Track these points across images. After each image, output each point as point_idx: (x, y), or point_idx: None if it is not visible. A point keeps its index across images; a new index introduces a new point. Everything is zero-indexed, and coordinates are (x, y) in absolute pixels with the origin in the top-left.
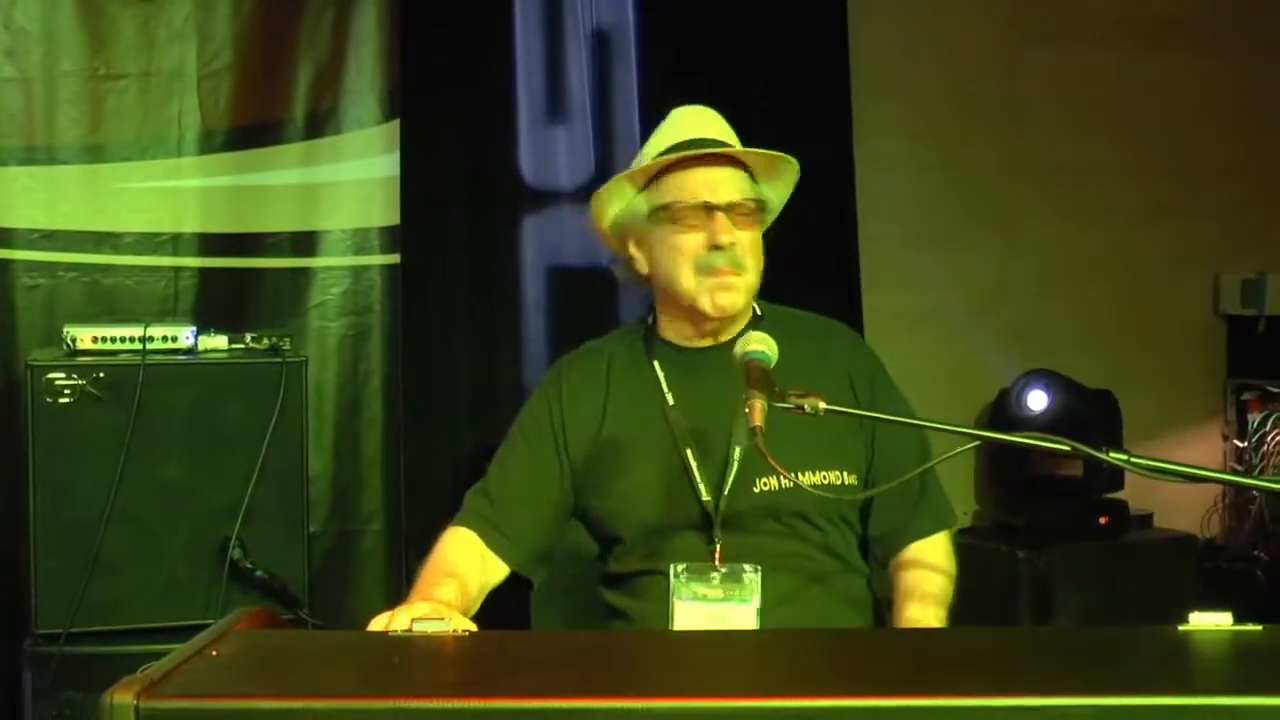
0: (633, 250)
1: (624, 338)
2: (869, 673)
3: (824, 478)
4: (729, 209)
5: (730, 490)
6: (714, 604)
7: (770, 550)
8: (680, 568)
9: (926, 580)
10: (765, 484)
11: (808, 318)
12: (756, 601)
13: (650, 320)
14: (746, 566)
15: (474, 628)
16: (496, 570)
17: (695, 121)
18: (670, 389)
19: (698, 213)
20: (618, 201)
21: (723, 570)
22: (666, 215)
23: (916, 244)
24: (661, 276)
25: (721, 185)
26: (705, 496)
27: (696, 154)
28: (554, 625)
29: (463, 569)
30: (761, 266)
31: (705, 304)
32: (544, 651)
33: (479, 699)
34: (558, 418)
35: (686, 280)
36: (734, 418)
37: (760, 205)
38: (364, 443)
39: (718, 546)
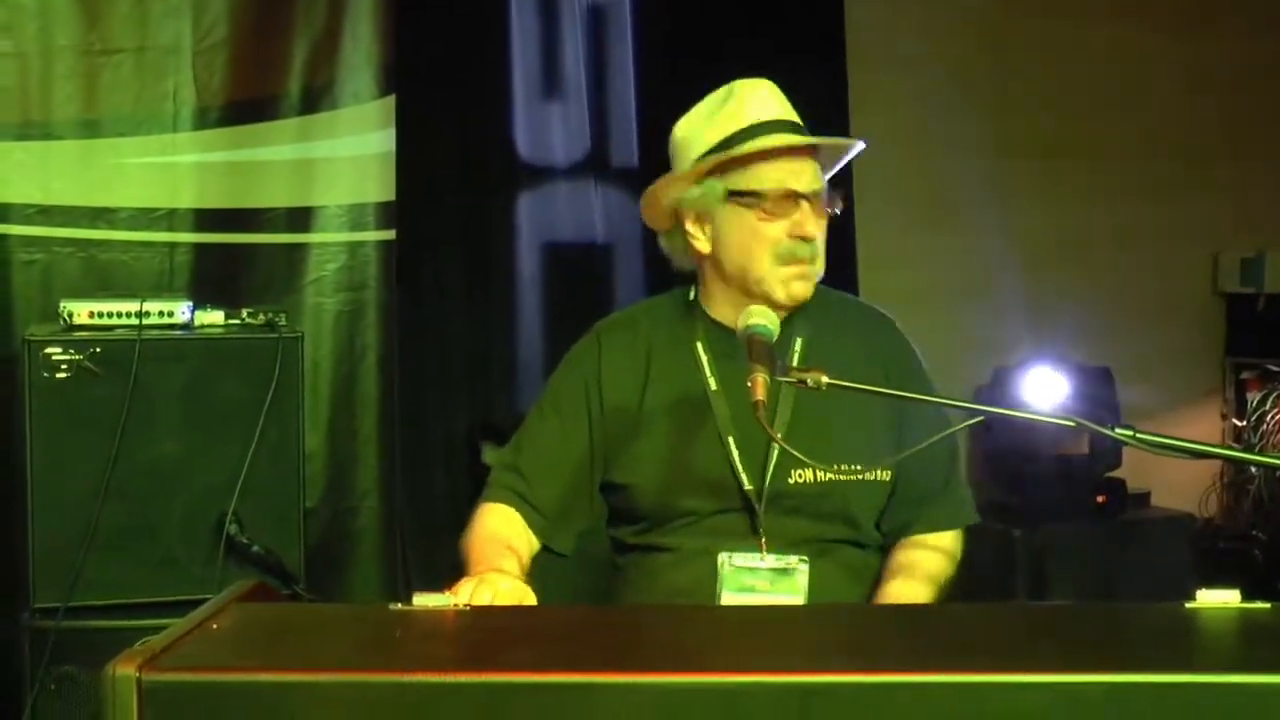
0: (690, 227)
1: (664, 311)
2: (876, 648)
3: (859, 475)
4: (813, 198)
5: (771, 478)
6: (761, 595)
7: (792, 537)
8: (726, 557)
9: (924, 559)
10: (801, 475)
11: (855, 307)
12: (803, 598)
13: (693, 295)
14: (794, 559)
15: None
16: (533, 548)
17: (764, 101)
18: (713, 373)
19: (782, 201)
20: (682, 180)
21: (770, 561)
22: (748, 201)
23: (913, 223)
24: (731, 258)
25: (805, 172)
26: (748, 485)
27: (792, 143)
28: (558, 588)
29: (515, 542)
30: None
31: (780, 292)
32: (545, 627)
33: (480, 673)
34: (594, 393)
35: (763, 266)
36: (778, 402)
37: (845, 198)
38: (359, 419)
39: (764, 537)
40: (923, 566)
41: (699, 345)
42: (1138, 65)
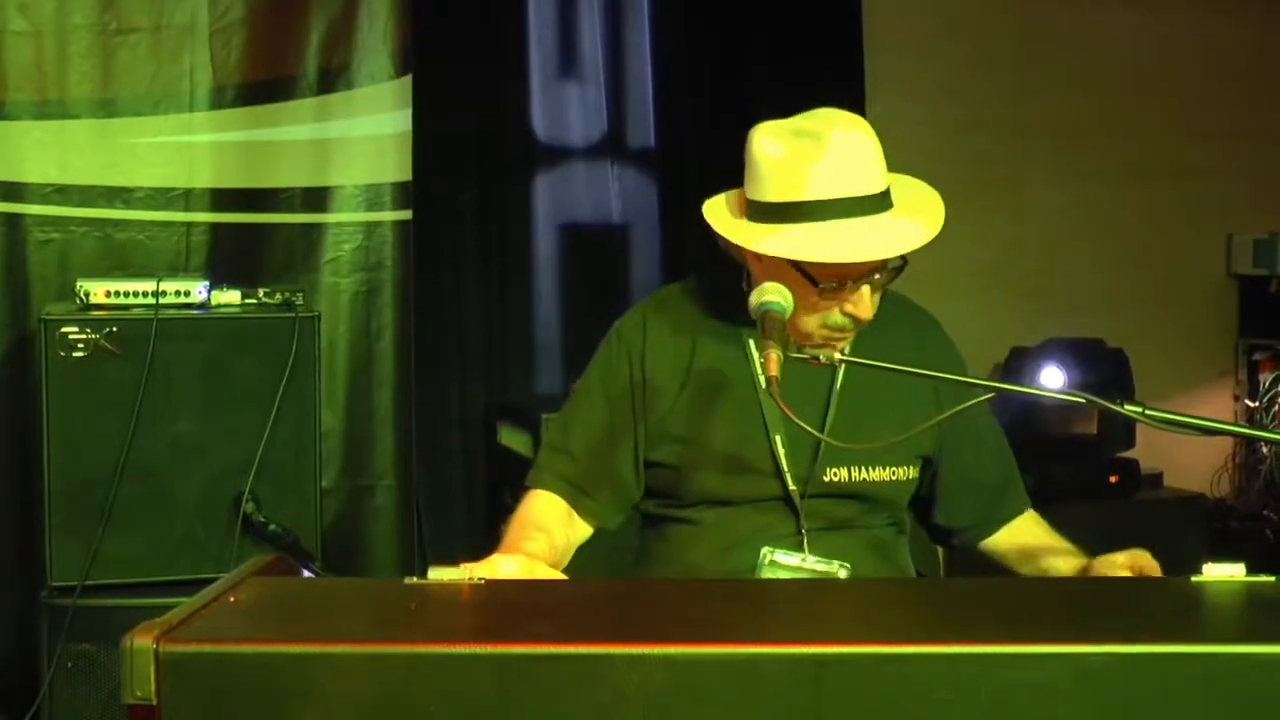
0: (743, 253)
1: (713, 295)
2: (887, 621)
3: (892, 474)
4: (873, 278)
5: (811, 477)
6: None
7: (825, 535)
8: (769, 551)
9: (1050, 536)
10: (835, 474)
11: (905, 306)
12: None
13: (745, 287)
14: (835, 564)
15: (563, 578)
16: (583, 531)
17: (851, 164)
18: (763, 371)
19: (841, 286)
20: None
21: (812, 563)
22: (807, 277)
23: None
24: (780, 302)
25: (880, 244)
26: (792, 486)
27: (846, 259)
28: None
29: (550, 524)
30: None
31: (817, 342)
32: (561, 599)
33: (495, 644)
34: (639, 377)
35: (808, 324)
36: (828, 408)
37: (902, 262)
38: (376, 399)
39: (805, 537)
40: (1055, 543)
41: (750, 339)
42: (1153, 48)
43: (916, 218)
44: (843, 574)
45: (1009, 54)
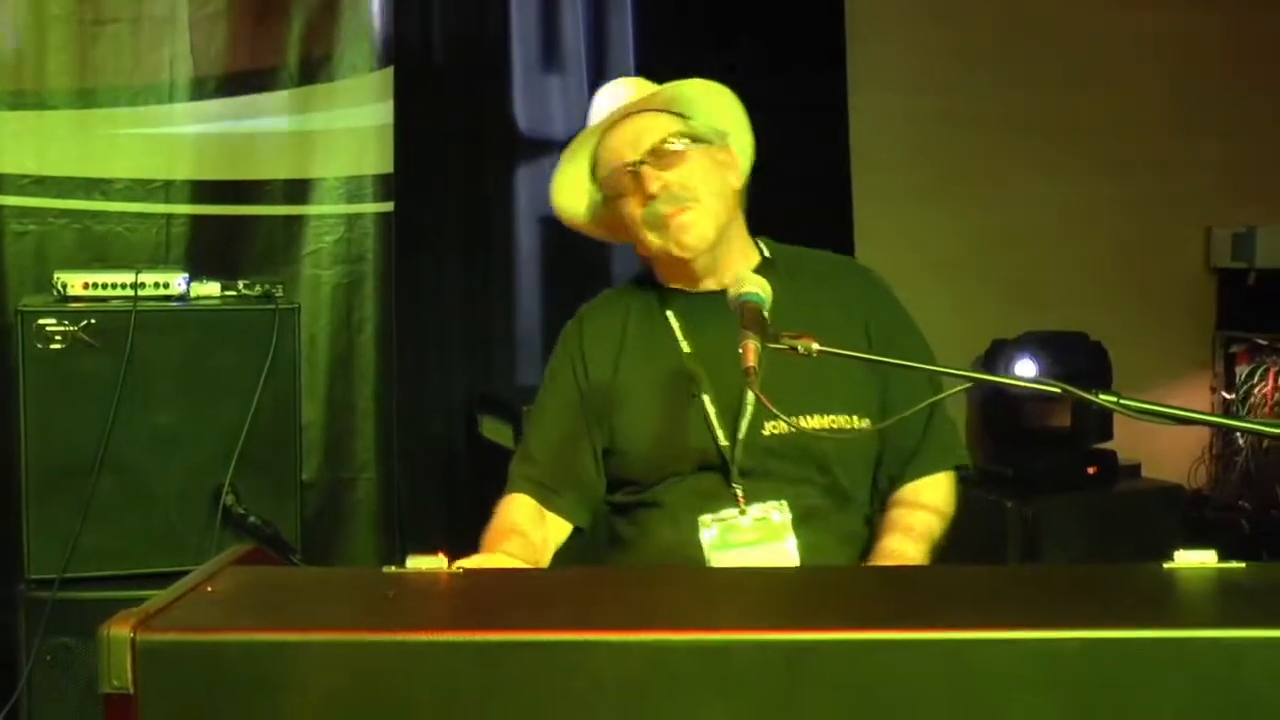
0: (614, 232)
1: (639, 287)
2: (858, 607)
3: (832, 421)
4: (652, 156)
5: (745, 434)
6: (749, 549)
7: (775, 491)
8: (708, 519)
9: (912, 515)
10: (774, 426)
11: (821, 258)
12: (792, 538)
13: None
14: (772, 506)
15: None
16: (558, 528)
17: (613, 95)
18: (685, 337)
19: (626, 176)
20: (578, 201)
21: (750, 514)
22: (609, 191)
23: (911, 196)
24: (636, 244)
25: (640, 137)
26: (723, 441)
27: (594, 127)
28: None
29: (524, 525)
30: (723, 189)
31: (674, 249)
32: (538, 588)
33: (472, 632)
34: (580, 371)
35: (649, 238)
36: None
37: (690, 137)
38: (357, 391)
39: (740, 492)
40: (911, 523)
41: (670, 314)
42: (1134, 43)
43: (668, 114)
44: (783, 514)
45: (992, 50)
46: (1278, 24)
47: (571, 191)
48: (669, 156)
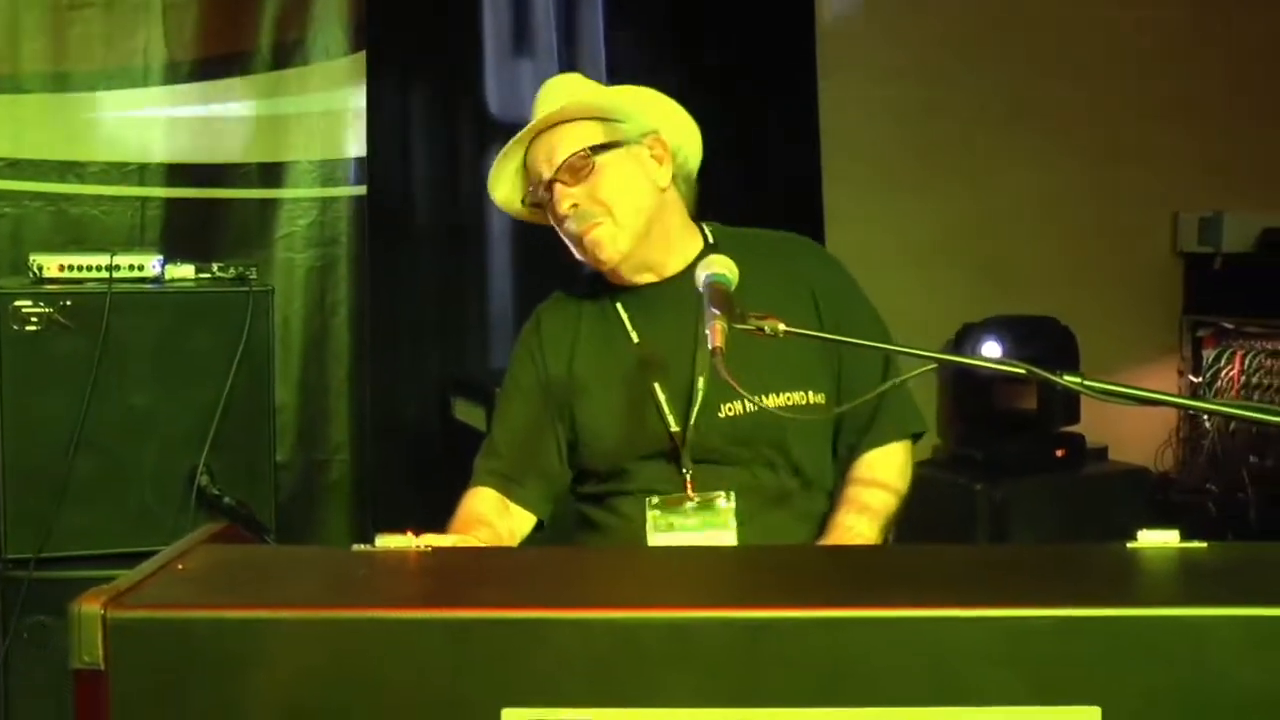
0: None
1: (591, 283)
2: (822, 585)
3: (789, 398)
4: (564, 172)
5: (696, 418)
6: (691, 534)
7: (735, 474)
8: (655, 500)
9: (865, 492)
10: (730, 409)
11: (767, 236)
12: (733, 526)
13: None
14: (719, 494)
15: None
16: (523, 520)
17: (548, 98)
18: (634, 326)
19: (543, 190)
20: (514, 196)
21: (696, 500)
22: (533, 201)
23: (883, 183)
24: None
25: (554, 152)
26: (674, 427)
27: (520, 136)
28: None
29: (489, 515)
30: (644, 190)
31: (592, 262)
32: (506, 566)
33: (443, 609)
34: (540, 366)
35: (572, 248)
36: (697, 345)
37: (608, 144)
38: (331, 374)
39: (688, 476)
40: (867, 500)
41: (619, 306)
42: (1104, 33)
43: (590, 120)
44: (728, 503)
45: (962, 42)
46: (1244, 14)
47: (509, 186)
48: (580, 170)
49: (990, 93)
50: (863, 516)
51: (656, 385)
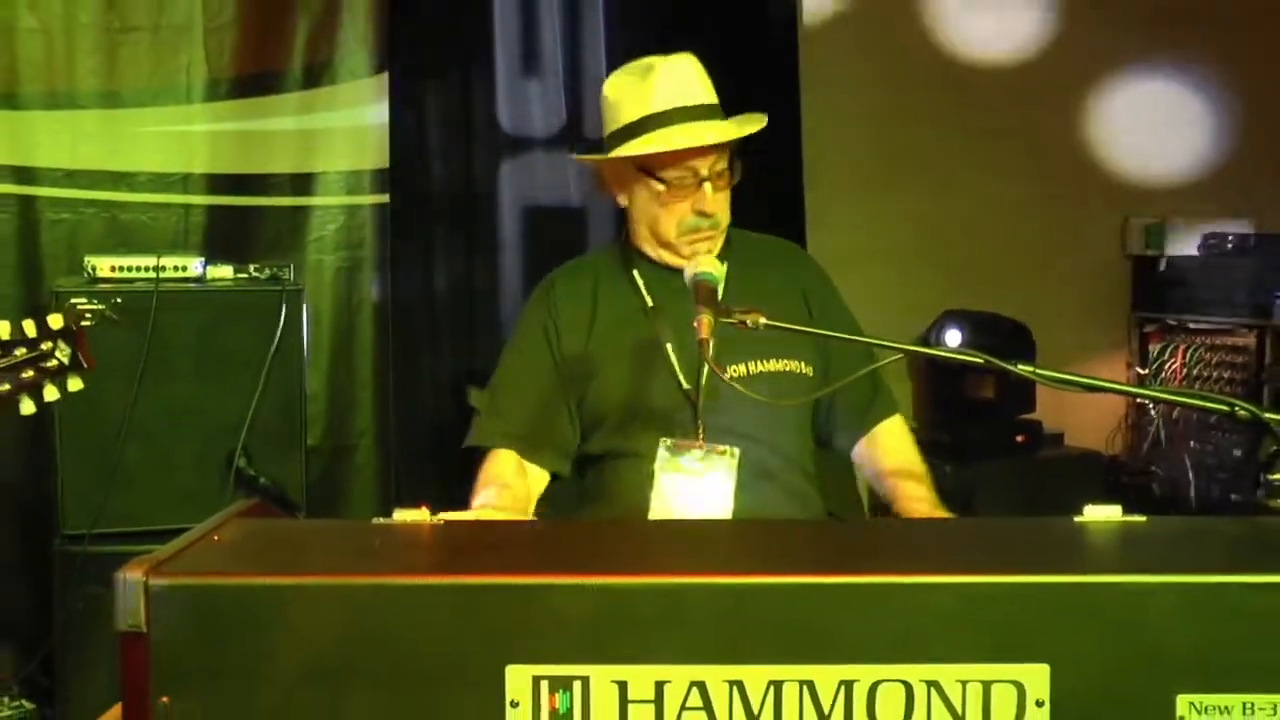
0: (611, 187)
1: (605, 254)
2: (802, 556)
3: (785, 365)
4: (714, 177)
5: (707, 379)
6: (695, 478)
7: (737, 434)
8: (668, 442)
9: (907, 456)
10: (735, 370)
11: (766, 241)
12: (732, 480)
13: (624, 237)
14: (726, 447)
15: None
16: (539, 479)
17: (678, 85)
18: (649, 293)
19: (684, 184)
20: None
21: (704, 448)
22: (655, 178)
23: (860, 187)
24: (644, 219)
25: (708, 156)
26: (685, 384)
27: (691, 144)
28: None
29: (509, 478)
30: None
31: (685, 253)
32: (510, 537)
33: (450, 576)
34: (551, 329)
35: (669, 234)
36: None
37: (741, 169)
38: (356, 365)
39: (701, 426)
40: (909, 467)
41: (635, 273)
42: (1065, 53)
43: (742, 125)
44: (735, 457)
45: (935, 54)
46: (1183, 37)
47: (658, 142)
48: (724, 181)
49: (960, 106)
50: (921, 485)
51: (669, 346)
